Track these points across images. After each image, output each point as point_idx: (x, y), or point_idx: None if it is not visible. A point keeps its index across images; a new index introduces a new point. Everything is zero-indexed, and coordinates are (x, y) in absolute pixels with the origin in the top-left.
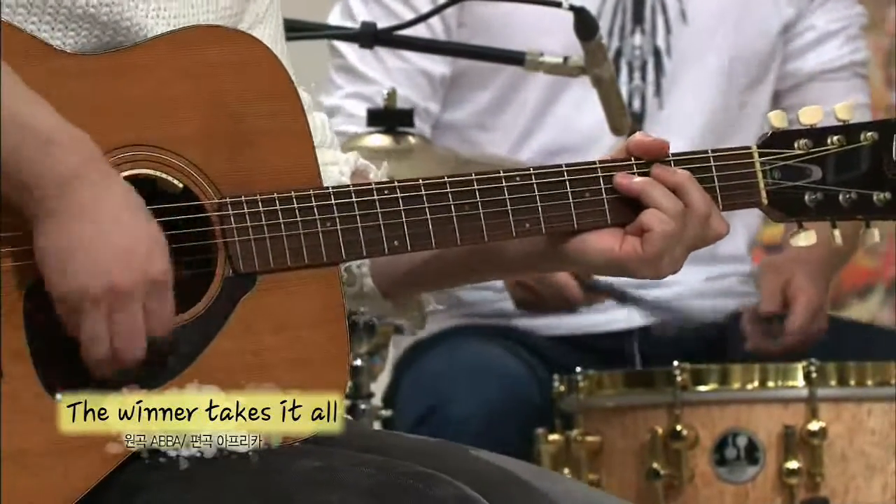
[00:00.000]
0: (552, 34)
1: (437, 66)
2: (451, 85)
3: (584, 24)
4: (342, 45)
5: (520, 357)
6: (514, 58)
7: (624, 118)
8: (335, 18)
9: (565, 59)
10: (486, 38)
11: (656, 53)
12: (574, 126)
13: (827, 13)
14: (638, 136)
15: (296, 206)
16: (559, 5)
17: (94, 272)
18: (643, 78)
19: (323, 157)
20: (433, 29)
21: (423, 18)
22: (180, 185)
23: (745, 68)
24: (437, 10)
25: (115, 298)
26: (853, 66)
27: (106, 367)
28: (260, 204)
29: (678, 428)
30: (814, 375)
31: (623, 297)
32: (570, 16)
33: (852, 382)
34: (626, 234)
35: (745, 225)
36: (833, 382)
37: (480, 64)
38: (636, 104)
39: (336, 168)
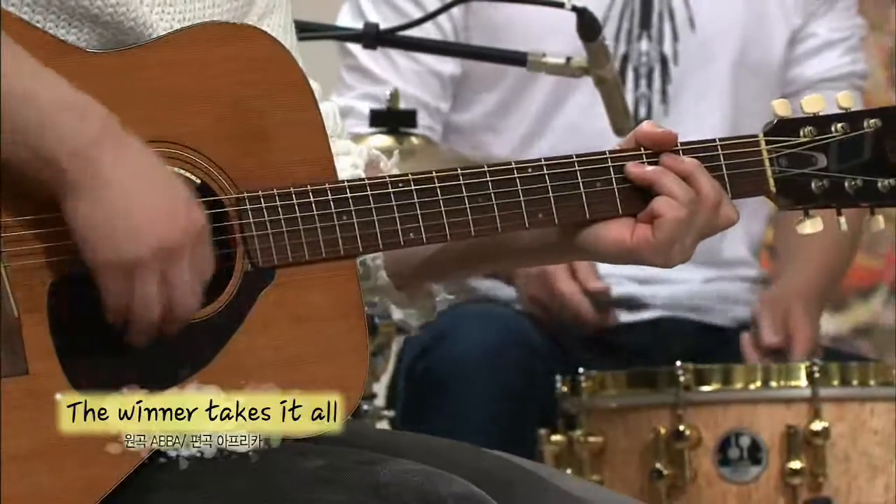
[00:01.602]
0: (556, 38)
1: (447, 65)
2: (459, 86)
3: (587, 25)
4: (353, 46)
5: (520, 314)
6: (517, 58)
7: (627, 119)
8: (345, 17)
9: (568, 59)
10: (490, 42)
11: (663, 60)
12: (579, 130)
13: (829, 22)
14: (646, 125)
15: (312, 199)
16: (562, 6)
17: (140, 236)
18: (649, 85)
19: (334, 147)
20: (443, 30)
21: (426, 19)
22: (198, 181)
23: (754, 76)
24: (440, 11)
25: (167, 256)
26: (852, 76)
27: (155, 330)
28: (277, 198)
29: (681, 428)
30: (817, 375)
31: (631, 306)
32: (573, 20)
33: (855, 382)
34: (637, 221)
35: (746, 230)
36: (836, 382)
37: (487, 66)
38: (642, 111)
39: (349, 159)
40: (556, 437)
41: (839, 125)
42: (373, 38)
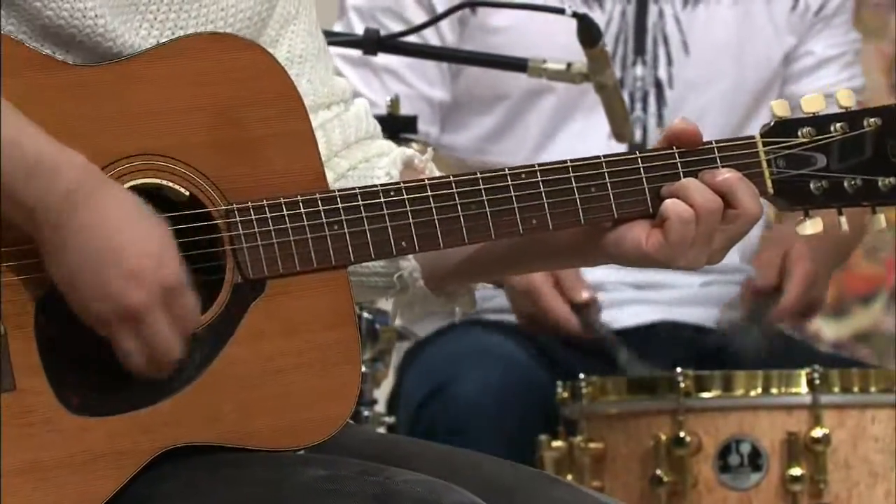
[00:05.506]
0: (555, 51)
1: (438, 91)
2: (455, 108)
3: (587, 31)
4: (345, 68)
5: (522, 346)
6: (518, 64)
7: (627, 125)
8: None
9: (568, 65)
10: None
11: (658, 85)
12: (576, 156)
13: (825, 39)
14: (678, 122)
15: (302, 210)
16: (562, 12)
17: (104, 295)
18: (644, 109)
19: (370, 148)
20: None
21: (426, 25)
22: (186, 193)
23: (747, 97)
24: (439, 18)
25: (133, 317)
26: None
27: (149, 373)
28: (267, 209)
29: (681, 434)
30: (817, 382)
31: (608, 344)
32: (568, 38)
33: (856, 389)
34: (652, 226)
35: None
36: (836, 389)
37: (485, 89)
38: (638, 135)
39: (384, 164)
40: (556, 443)
41: (838, 125)
42: (373, 44)
